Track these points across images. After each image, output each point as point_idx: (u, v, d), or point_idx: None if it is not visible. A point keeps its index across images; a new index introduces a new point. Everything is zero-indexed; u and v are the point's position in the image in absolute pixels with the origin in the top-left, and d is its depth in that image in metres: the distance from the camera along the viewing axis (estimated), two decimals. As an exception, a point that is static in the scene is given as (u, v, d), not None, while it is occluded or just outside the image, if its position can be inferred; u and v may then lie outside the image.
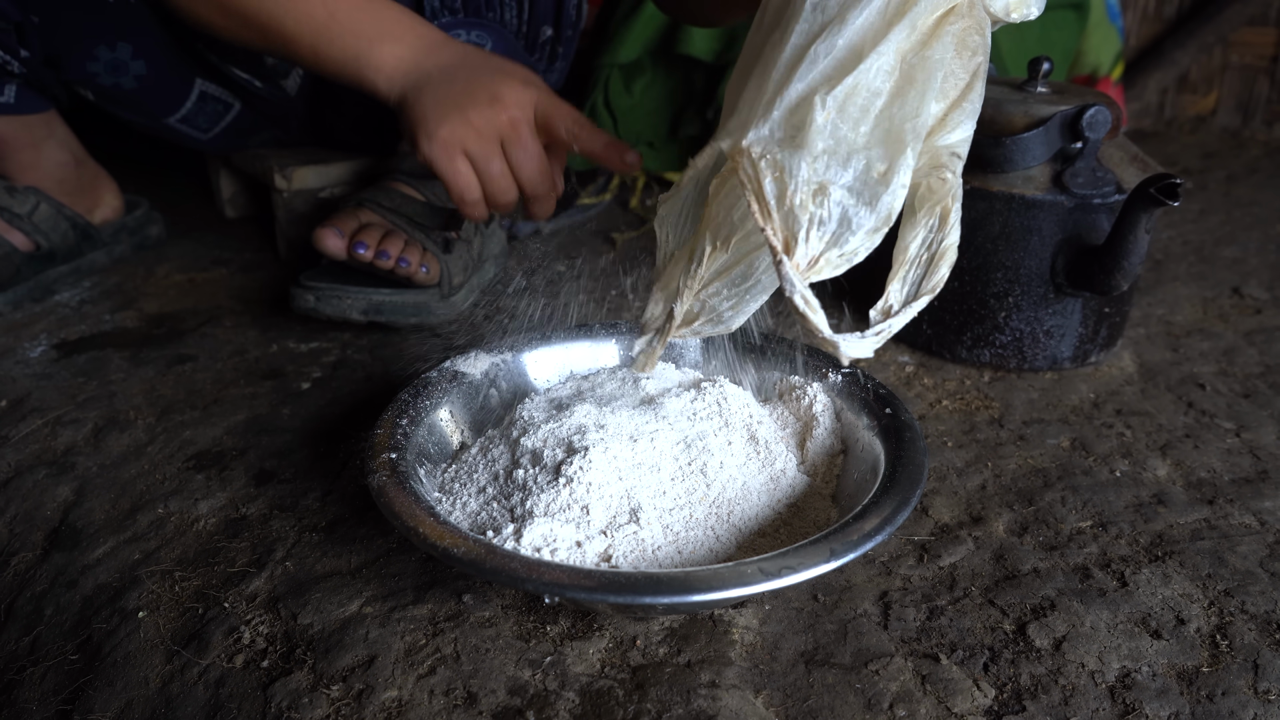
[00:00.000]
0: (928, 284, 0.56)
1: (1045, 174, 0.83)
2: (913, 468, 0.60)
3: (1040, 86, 0.86)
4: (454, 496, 0.64)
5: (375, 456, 0.62)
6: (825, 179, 0.53)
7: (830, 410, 0.71)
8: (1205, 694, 0.54)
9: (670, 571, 0.52)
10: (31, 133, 1.04)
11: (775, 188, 0.53)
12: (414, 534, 0.55)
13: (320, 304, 0.91)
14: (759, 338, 0.77)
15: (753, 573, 0.51)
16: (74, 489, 0.72)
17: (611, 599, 0.50)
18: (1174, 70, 1.83)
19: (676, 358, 0.78)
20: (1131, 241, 0.77)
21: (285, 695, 0.54)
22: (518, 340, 0.77)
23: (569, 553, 0.57)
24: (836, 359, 0.74)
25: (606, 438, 0.62)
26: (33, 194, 1.03)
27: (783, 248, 0.53)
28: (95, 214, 1.12)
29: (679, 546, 0.59)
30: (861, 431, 0.68)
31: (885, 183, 0.53)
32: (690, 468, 0.63)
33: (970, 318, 0.88)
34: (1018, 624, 0.59)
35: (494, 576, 0.52)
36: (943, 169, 0.55)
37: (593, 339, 0.79)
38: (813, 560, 0.52)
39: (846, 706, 0.53)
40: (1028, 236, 0.83)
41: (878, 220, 0.53)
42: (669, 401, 0.67)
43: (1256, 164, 1.62)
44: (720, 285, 0.63)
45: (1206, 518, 0.68)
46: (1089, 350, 0.89)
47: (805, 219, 0.52)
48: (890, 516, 0.56)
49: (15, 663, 0.59)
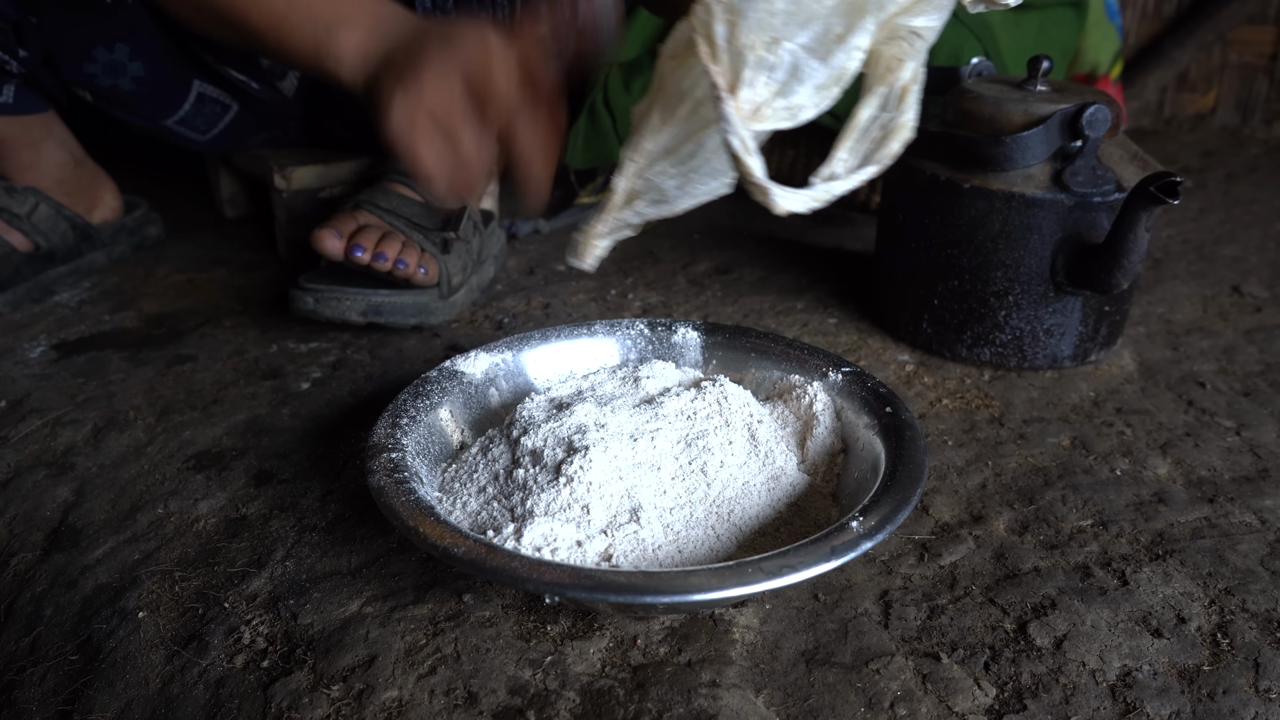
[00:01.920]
0: (877, 155, 0.55)
1: (1045, 172, 0.83)
2: (913, 466, 0.60)
3: (1040, 85, 0.86)
4: (454, 496, 0.64)
5: (375, 456, 0.62)
6: (781, 35, 0.51)
7: (830, 409, 0.71)
8: (1206, 692, 0.54)
9: (670, 571, 0.52)
10: (30, 133, 1.03)
11: (726, 30, 0.50)
12: (414, 534, 0.54)
13: (319, 306, 0.91)
14: (759, 337, 0.78)
15: (753, 572, 0.51)
16: (74, 489, 0.72)
17: (612, 599, 0.50)
18: (1173, 69, 1.83)
19: (677, 357, 0.78)
20: (1131, 240, 0.77)
21: (285, 695, 0.54)
22: (517, 339, 0.77)
23: (569, 552, 0.57)
24: (836, 357, 0.74)
25: (607, 437, 0.62)
26: (32, 194, 1.03)
27: (727, 87, 0.50)
28: (94, 214, 1.11)
29: (679, 546, 0.59)
30: (861, 430, 0.68)
31: (841, 42, 0.51)
32: (691, 467, 0.63)
33: (970, 316, 0.88)
34: (1018, 623, 0.58)
35: (495, 576, 0.52)
36: (901, 43, 0.53)
37: (592, 337, 0.79)
38: (813, 559, 0.52)
39: (847, 706, 0.53)
40: (1028, 235, 0.83)
41: (829, 76, 0.52)
42: (669, 401, 0.67)
43: (1256, 162, 1.62)
44: (667, 164, 0.60)
45: (1207, 516, 0.68)
46: (1089, 349, 0.89)
47: (753, 60, 0.50)
48: (890, 515, 0.56)
49: (15, 663, 0.59)
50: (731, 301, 1.03)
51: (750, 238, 1.22)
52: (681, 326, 0.79)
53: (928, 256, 0.89)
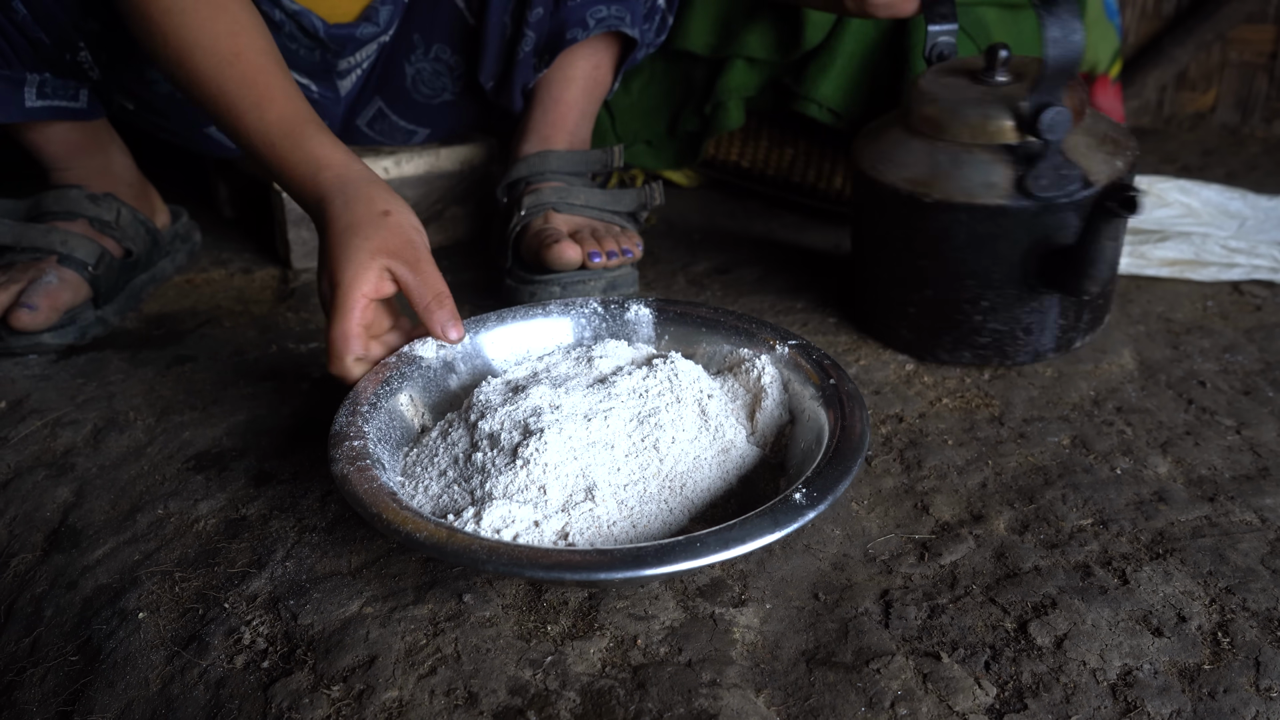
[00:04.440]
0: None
1: (1007, 179, 0.80)
2: (855, 437, 0.62)
3: (1000, 75, 0.83)
4: (416, 481, 0.65)
5: (338, 445, 0.63)
6: None
7: (778, 381, 0.72)
8: (1207, 691, 0.54)
9: (623, 549, 0.54)
10: (98, 138, 1.02)
11: None
12: (378, 520, 0.56)
13: (566, 291, 0.93)
14: (710, 311, 0.79)
15: (700, 546, 0.53)
16: (74, 490, 0.72)
17: (567, 577, 0.52)
18: (1173, 68, 1.83)
19: (630, 334, 0.79)
20: (1097, 250, 0.75)
21: (286, 696, 0.53)
22: (474, 321, 0.78)
23: (528, 533, 0.59)
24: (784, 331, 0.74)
25: (561, 419, 0.64)
26: (113, 200, 1.00)
27: None
28: (155, 220, 1.10)
29: (634, 521, 0.61)
30: (808, 402, 0.70)
31: None
32: (644, 444, 0.65)
33: (946, 323, 0.87)
34: (1019, 622, 0.58)
35: (456, 559, 0.54)
36: None
37: (548, 317, 0.79)
38: (758, 531, 0.54)
39: (848, 705, 0.53)
40: (995, 242, 0.81)
41: None
42: (622, 380, 0.69)
43: (1256, 161, 1.62)
44: None
45: (1207, 515, 0.68)
46: (1073, 337, 0.87)
47: None
48: (831, 486, 0.58)
49: (15, 664, 0.59)
50: (731, 301, 1.03)
51: (749, 238, 1.22)
52: (634, 304, 0.80)
53: (899, 268, 0.88)
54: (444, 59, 1.08)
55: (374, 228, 0.71)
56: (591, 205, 0.99)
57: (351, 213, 0.71)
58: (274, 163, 0.76)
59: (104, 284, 0.97)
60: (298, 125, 0.76)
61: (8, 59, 0.87)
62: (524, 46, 1.03)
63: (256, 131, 0.76)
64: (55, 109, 0.94)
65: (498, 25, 1.03)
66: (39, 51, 0.88)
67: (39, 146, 0.99)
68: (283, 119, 0.76)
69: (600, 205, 0.99)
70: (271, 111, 0.76)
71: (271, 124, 0.75)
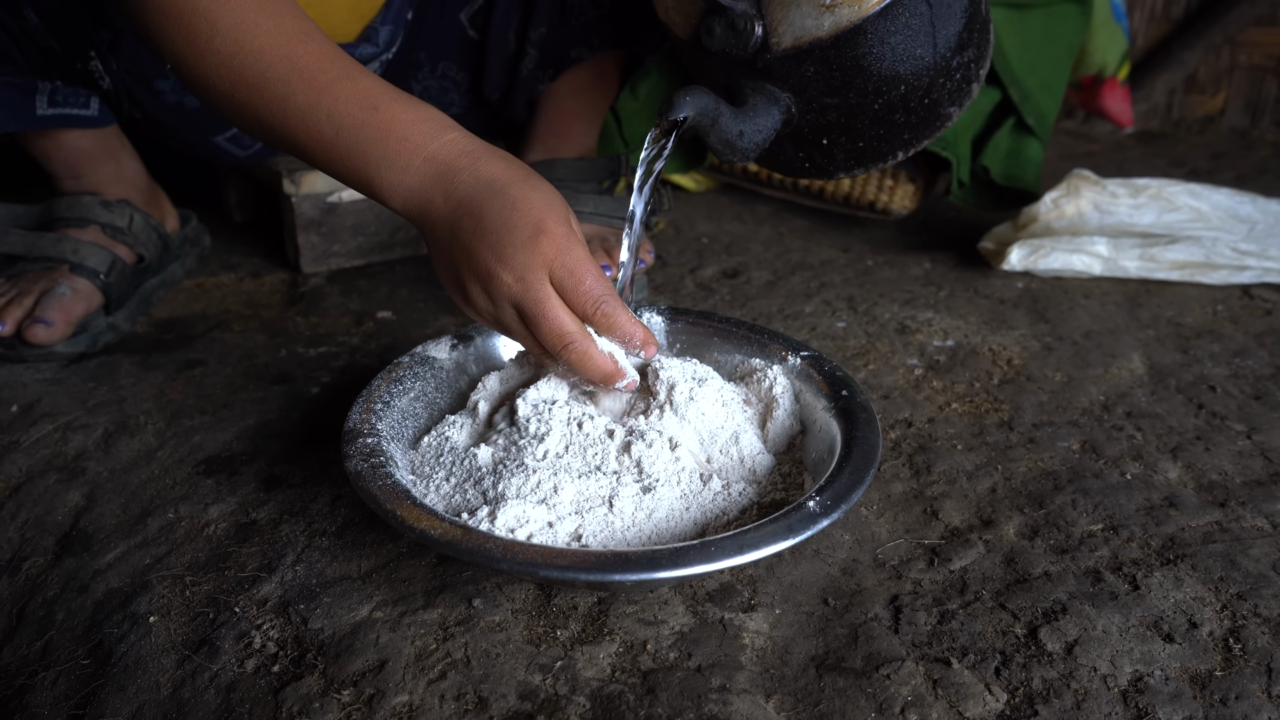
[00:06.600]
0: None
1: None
2: (867, 447, 0.63)
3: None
4: (427, 480, 0.65)
5: (351, 442, 0.64)
6: None
7: (790, 392, 0.73)
8: (1219, 698, 0.53)
9: (638, 551, 0.54)
10: (109, 145, 1.02)
11: None
12: (392, 517, 0.57)
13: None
14: (721, 321, 0.79)
15: (715, 550, 0.53)
16: (84, 494, 0.72)
17: (583, 577, 0.53)
18: (1182, 71, 1.82)
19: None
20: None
21: (296, 700, 0.54)
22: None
23: (541, 533, 0.59)
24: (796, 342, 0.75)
25: (573, 418, 0.65)
26: (127, 206, 1.01)
27: None
28: (165, 224, 1.10)
29: (646, 525, 0.61)
30: (819, 413, 0.70)
31: None
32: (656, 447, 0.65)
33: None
34: (1029, 628, 0.58)
35: (471, 557, 0.54)
36: None
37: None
38: (772, 538, 0.54)
39: (858, 711, 0.52)
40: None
41: None
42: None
43: (1265, 164, 1.61)
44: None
45: (1218, 520, 0.68)
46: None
47: None
48: (845, 494, 0.58)
49: (27, 667, 0.59)
50: (739, 305, 1.03)
51: (757, 242, 1.22)
52: (645, 312, 0.80)
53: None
54: (450, 75, 1.08)
55: (531, 186, 0.64)
56: (600, 213, 0.99)
57: (510, 168, 0.65)
58: (375, 127, 0.66)
59: (116, 291, 0.97)
60: (392, 90, 0.68)
61: (19, 67, 0.88)
62: (527, 64, 1.03)
63: (349, 98, 0.66)
64: (66, 117, 0.94)
65: (501, 42, 1.03)
66: (50, 60, 0.88)
67: (48, 154, 0.99)
68: (380, 83, 0.68)
69: (609, 213, 1.00)
70: (366, 79, 0.68)
71: (367, 90, 0.67)
